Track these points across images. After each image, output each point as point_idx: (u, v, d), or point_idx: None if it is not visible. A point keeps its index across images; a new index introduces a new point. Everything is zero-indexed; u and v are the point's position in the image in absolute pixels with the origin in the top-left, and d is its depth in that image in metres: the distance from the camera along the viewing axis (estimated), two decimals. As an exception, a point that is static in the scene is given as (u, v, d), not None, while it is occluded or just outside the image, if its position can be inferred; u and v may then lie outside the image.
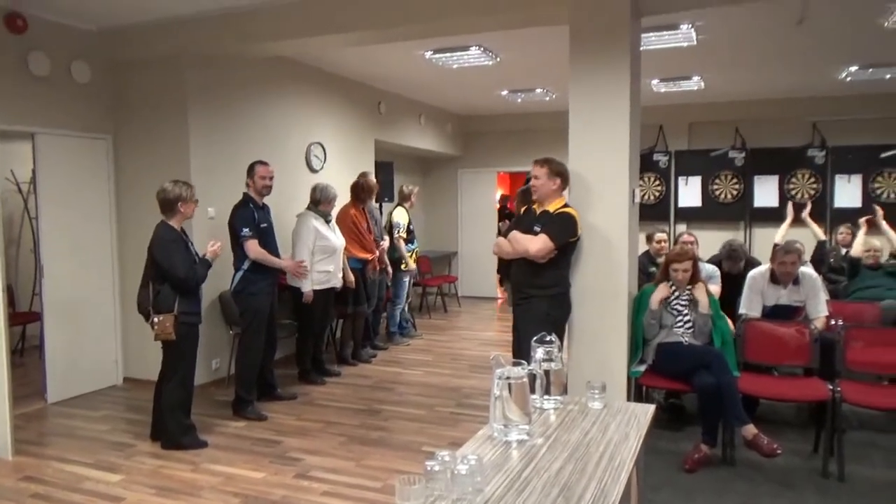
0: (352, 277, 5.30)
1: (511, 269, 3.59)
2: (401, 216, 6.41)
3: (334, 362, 5.70)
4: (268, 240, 4.38)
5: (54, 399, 4.61)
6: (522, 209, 3.66)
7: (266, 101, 5.47)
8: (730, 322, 3.90)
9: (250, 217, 4.26)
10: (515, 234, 3.51)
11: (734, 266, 4.52)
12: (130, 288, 4.80)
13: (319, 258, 4.92)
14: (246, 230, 4.22)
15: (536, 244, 3.41)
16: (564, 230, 3.39)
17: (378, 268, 5.71)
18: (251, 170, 4.38)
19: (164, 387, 3.76)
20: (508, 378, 2.03)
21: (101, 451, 3.77)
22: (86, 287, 4.79)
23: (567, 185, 3.48)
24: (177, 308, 3.61)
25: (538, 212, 3.52)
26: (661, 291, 3.77)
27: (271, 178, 4.40)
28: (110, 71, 4.81)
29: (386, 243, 6.18)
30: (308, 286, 4.85)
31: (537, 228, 3.45)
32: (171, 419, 3.75)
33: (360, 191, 5.57)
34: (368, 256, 5.60)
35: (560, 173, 3.45)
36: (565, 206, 3.44)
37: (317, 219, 4.96)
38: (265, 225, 4.35)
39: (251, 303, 4.31)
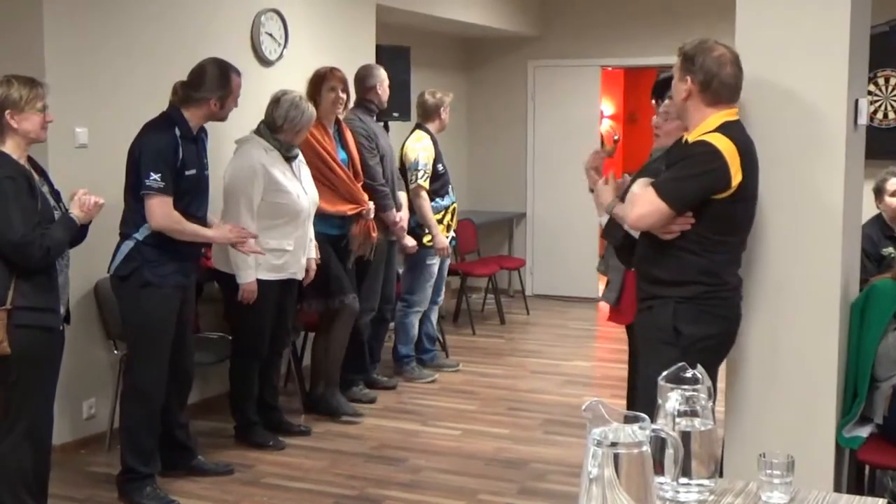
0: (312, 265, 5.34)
1: (635, 251, 3.63)
2: (422, 148, 6.44)
3: (300, 410, 5.78)
4: (195, 197, 4.48)
5: None
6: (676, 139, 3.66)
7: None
8: None
9: (170, 152, 4.32)
10: (632, 187, 3.52)
11: None
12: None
13: (271, 225, 4.96)
14: (155, 177, 4.26)
15: (636, 208, 3.41)
16: (693, 179, 3.34)
17: (370, 234, 5.77)
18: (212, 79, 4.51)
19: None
20: (615, 445, 1.99)
21: None
22: None
23: (726, 94, 3.41)
24: (10, 299, 3.65)
25: (682, 142, 3.49)
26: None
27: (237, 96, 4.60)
28: None
29: (402, 197, 6.22)
30: (249, 274, 4.91)
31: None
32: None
33: (324, 90, 5.56)
34: (348, 210, 5.65)
35: (704, 70, 3.38)
36: (717, 129, 3.38)
37: (269, 152, 5.00)
38: (193, 171, 4.42)
39: (147, 301, 4.37)
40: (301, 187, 5.08)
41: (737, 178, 3.28)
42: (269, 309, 5.08)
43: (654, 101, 4.26)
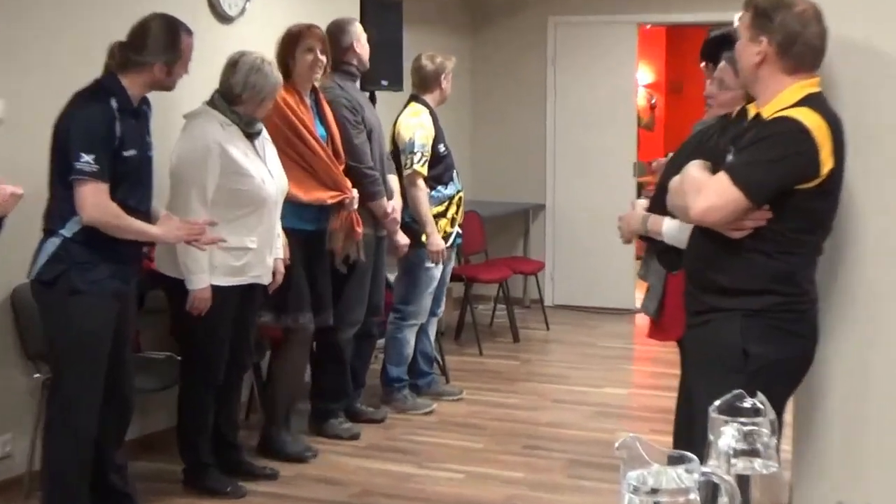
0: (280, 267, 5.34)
1: (686, 252, 3.63)
2: (418, 125, 6.45)
3: (265, 448, 5.77)
4: (136, 183, 4.48)
5: None
6: (735, 111, 3.66)
7: None
8: None
9: (105, 129, 4.32)
10: (689, 171, 3.50)
11: None
12: None
13: (230, 217, 4.95)
14: (87, 159, 4.25)
15: (703, 198, 3.39)
16: (777, 164, 3.34)
17: (354, 229, 5.76)
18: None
19: None
20: (655, 492, 1.99)
21: None
22: None
23: (809, 59, 3.40)
24: None
25: (749, 117, 3.48)
26: None
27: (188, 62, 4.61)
28: None
29: (393, 183, 6.20)
30: (201, 278, 4.91)
31: (729, 158, 3.41)
32: None
33: (299, 52, 5.56)
34: (328, 198, 5.65)
35: (785, 28, 3.37)
36: (802, 102, 3.37)
37: (226, 127, 4.99)
38: (133, 152, 4.43)
39: (76, 312, 4.37)
40: (266, 170, 5.07)
41: (827, 164, 3.28)
42: (226, 322, 5.06)
43: (703, 65, 4.25)
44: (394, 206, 6.14)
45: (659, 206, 3.79)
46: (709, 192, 3.33)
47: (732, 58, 3.85)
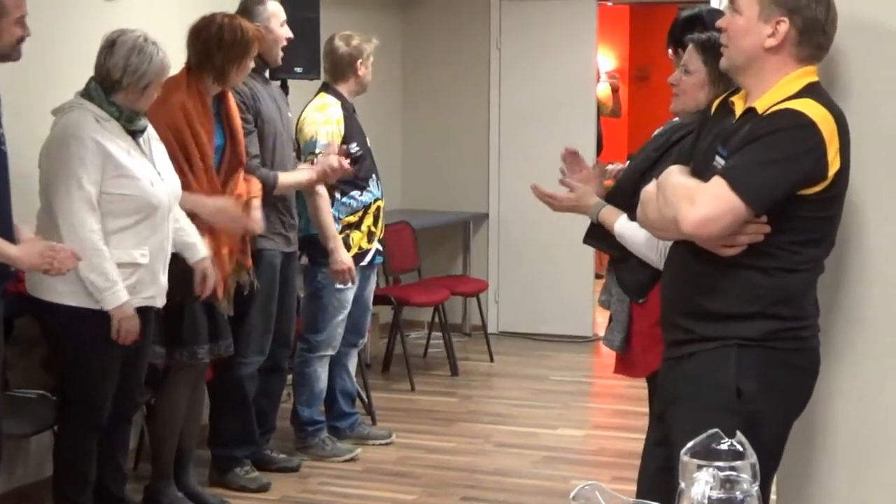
0: (209, 281, 5.33)
1: (665, 272, 3.65)
2: (323, 121, 6.46)
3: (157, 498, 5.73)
4: None
5: None
6: (714, 104, 3.69)
7: None
8: None
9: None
10: (673, 177, 3.50)
11: None
12: None
13: (114, 228, 4.92)
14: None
15: (699, 208, 3.39)
16: (781, 165, 3.37)
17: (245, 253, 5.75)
18: None
19: None
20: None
21: None
22: None
23: (826, 47, 3.45)
24: None
25: (738, 113, 3.51)
26: None
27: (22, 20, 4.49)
28: None
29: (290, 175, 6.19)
30: (117, 294, 4.85)
31: (719, 161, 3.43)
32: None
33: (210, 44, 5.53)
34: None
35: (810, 11, 3.39)
36: (802, 92, 3.41)
37: (104, 122, 4.96)
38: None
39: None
40: (154, 171, 5.04)
41: (834, 164, 3.28)
42: (112, 353, 5.01)
43: (670, 51, 4.30)
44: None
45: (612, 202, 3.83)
46: (703, 200, 3.29)
47: (700, 40, 3.89)
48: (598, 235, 3.83)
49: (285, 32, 6.10)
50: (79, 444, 5.14)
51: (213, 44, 5.51)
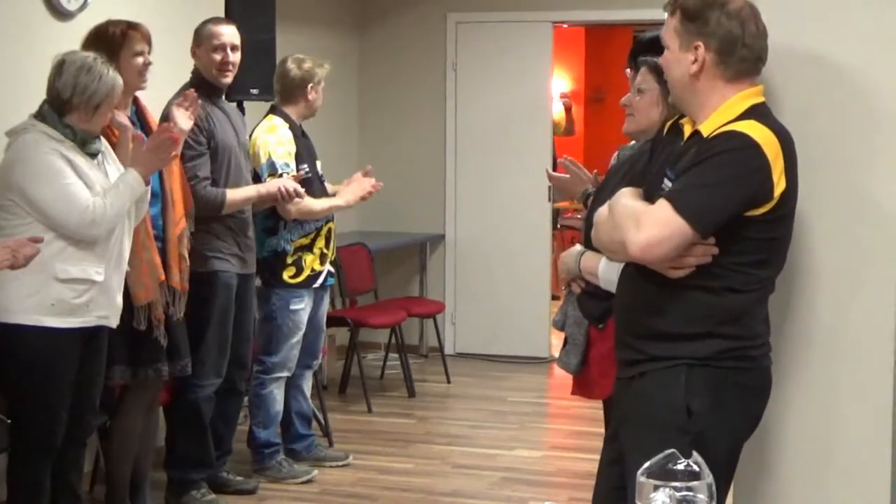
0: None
1: (617, 293, 3.66)
2: (276, 142, 6.47)
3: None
4: None
5: None
6: (667, 125, 3.71)
7: None
8: None
9: None
10: (622, 199, 3.52)
11: None
12: None
13: (71, 242, 4.89)
14: None
15: (645, 231, 3.40)
16: (725, 187, 3.38)
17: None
18: None
19: None
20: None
21: None
22: None
23: (751, 64, 3.47)
24: None
25: (686, 135, 3.53)
26: None
27: None
28: None
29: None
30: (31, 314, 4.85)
31: (667, 184, 3.45)
32: None
33: (124, 57, 5.38)
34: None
35: (723, 31, 3.42)
36: (746, 114, 3.44)
37: (60, 142, 4.91)
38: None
39: None
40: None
41: (780, 185, 3.31)
42: (65, 373, 4.98)
43: (629, 71, 4.31)
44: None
45: (589, 244, 3.83)
46: (649, 222, 3.30)
47: (652, 63, 3.91)
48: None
49: (217, 56, 5.99)
50: (32, 468, 5.08)
51: (107, 38, 5.43)
